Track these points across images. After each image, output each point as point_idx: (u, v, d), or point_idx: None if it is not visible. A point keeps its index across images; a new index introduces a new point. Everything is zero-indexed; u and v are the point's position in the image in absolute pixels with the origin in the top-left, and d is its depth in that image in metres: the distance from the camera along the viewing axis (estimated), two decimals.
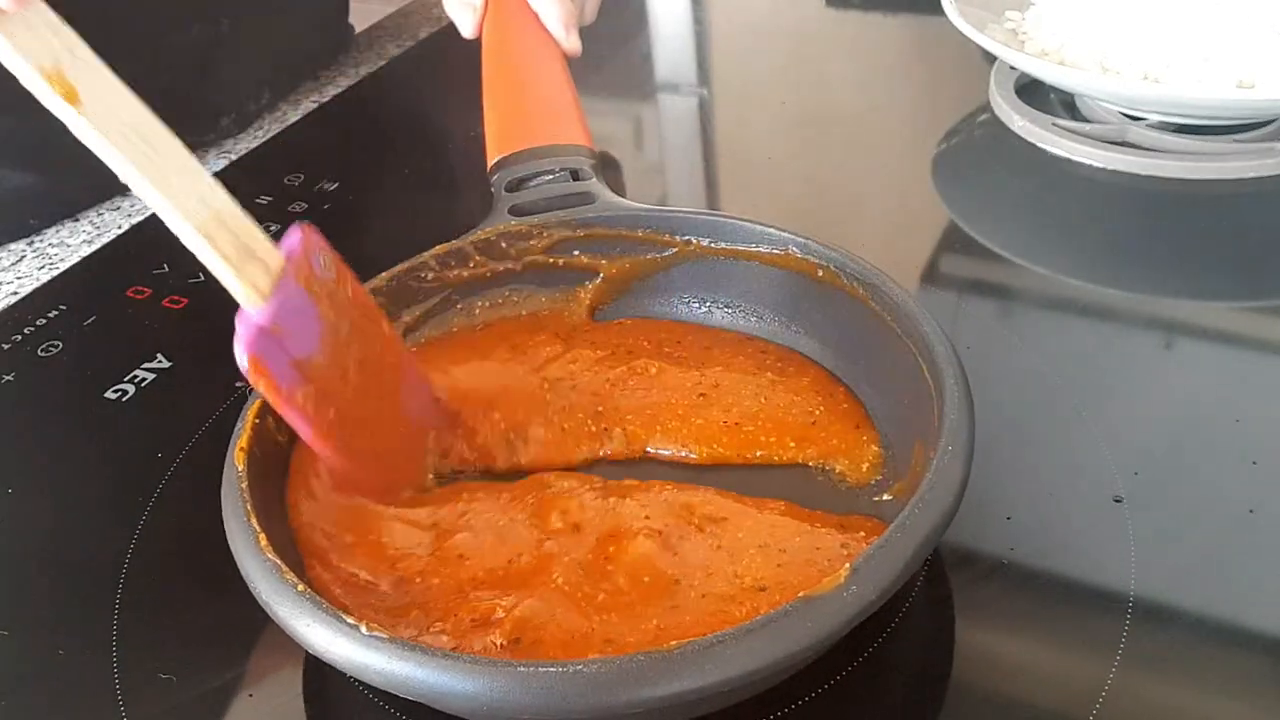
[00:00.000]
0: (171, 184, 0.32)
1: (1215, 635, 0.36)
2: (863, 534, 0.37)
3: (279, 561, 0.32)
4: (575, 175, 0.51)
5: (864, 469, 0.40)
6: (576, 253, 0.48)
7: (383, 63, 0.81)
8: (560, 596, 0.35)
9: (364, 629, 0.30)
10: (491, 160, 0.53)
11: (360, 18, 0.86)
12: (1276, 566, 0.38)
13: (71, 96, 0.30)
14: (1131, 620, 0.36)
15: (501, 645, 0.33)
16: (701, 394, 0.43)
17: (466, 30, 0.66)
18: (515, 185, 0.51)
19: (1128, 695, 0.34)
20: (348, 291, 0.38)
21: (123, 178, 0.32)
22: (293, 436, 0.40)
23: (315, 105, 0.75)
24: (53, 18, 0.32)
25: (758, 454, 0.42)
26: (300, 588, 0.32)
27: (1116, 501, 0.40)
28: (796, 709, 0.34)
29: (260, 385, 0.35)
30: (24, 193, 0.63)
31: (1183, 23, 0.61)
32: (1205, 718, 0.34)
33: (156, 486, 0.44)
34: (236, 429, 0.38)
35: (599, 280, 0.48)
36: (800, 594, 0.30)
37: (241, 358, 0.34)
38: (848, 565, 0.30)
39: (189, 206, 0.32)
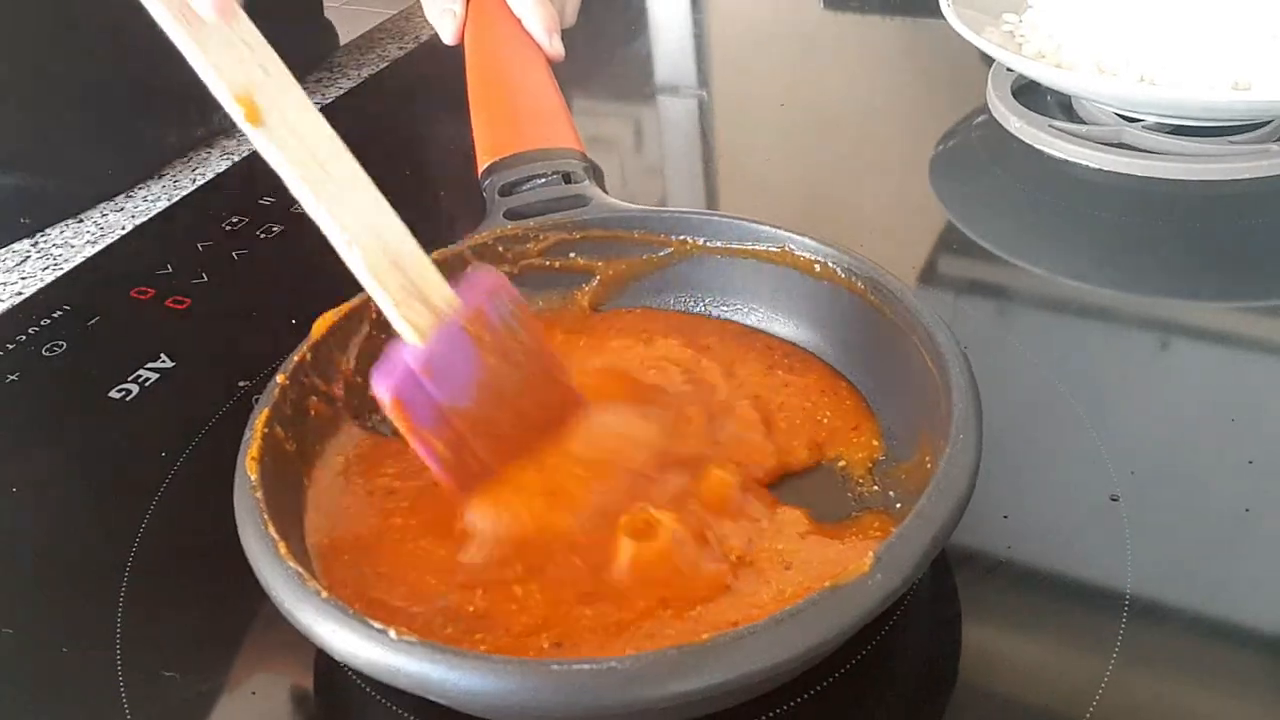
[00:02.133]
0: (344, 211, 0.32)
1: (1211, 633, 0.36)
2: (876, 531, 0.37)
3: (300, 569, 0.32)
4: (567, 178, 0.51)
5: (868, 462, 0.41)
6: (573, 255, 0.48)
7: (384, 64, 0.81)
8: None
9: (393, 634, 0.30)
10: (482, 166, 0.53)
11: (360, 20, 0.87)
12: (1272, 565, 0.38)
13: (254, 116, 0.30)
14: (1128, 618, 0.36)
15: (546, 647, 0.33)
16: (726, 406, 0.43)
17: (448, 37, 0.66)
18: (507, 190, 0.51)
19: (1125, 692, 0.34)
20: (527, 343, 0.37)
21: (298, 198, 0.32)
22: (300, 444, 0.40)
23: (316, 106, 0.75)
24: (252, 33, 0.31)
25: (770, 451, 0.41)
26: (324, 594, 0.31)
27: (1113, 500, 0.40)
28: (798, 706, 0.34)
29: (399, 424, 0.34)
30: (27, 194, 0.63)
31: (1179, 24, 0.61)
32: (1201, 714, 0.34)
33: (160, 485, 0.44)
34: (245, 438, 0.37)
35: (596, 282, 0.48)
36: (826, 583, 0.30)
37: (383, 394, 0.33)
38: (871, 553, 0.30)
39: (359, 236, 0.32)
